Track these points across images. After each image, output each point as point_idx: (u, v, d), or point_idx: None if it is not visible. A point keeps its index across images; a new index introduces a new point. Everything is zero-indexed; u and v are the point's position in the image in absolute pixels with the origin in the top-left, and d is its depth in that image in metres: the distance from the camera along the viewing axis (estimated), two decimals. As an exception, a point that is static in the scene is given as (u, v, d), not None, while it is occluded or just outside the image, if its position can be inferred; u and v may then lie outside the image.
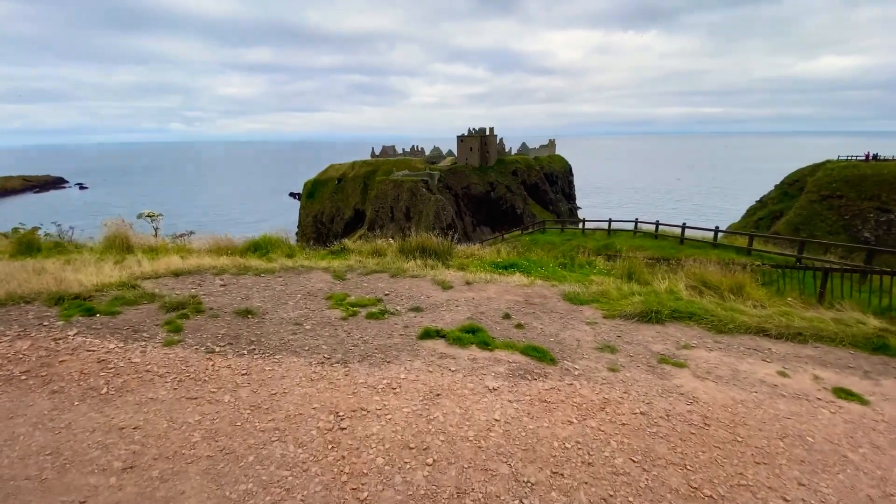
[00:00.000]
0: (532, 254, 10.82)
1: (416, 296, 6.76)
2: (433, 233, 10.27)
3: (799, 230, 51.53)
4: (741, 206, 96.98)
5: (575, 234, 25.43)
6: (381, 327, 5.17)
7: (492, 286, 7.47)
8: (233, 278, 7.22)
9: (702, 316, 6.04)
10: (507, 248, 11.02)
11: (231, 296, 6.25)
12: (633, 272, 8.17)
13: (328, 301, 6.22)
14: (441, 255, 9.27)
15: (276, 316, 5.44)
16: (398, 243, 9.81)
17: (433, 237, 9.74)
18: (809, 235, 46.41)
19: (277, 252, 9.12)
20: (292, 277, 7.43)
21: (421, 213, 74.59)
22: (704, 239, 18.19)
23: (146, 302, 5.61)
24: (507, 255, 10.48)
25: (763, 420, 3.60)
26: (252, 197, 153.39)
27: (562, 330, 5.48)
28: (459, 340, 4.64)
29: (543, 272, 8.56)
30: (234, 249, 9.39)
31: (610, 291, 7.14)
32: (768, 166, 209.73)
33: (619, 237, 22.07)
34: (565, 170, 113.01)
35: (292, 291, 6.63)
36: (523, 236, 28.27)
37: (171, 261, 7.66)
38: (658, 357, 4.74)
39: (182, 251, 9.14)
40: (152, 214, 10.14)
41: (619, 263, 9.17)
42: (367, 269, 8.13)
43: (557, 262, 9.71)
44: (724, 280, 7.35)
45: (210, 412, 3.16)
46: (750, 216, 65.98)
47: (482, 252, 10.98)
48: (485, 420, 3.18)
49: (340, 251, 10.03)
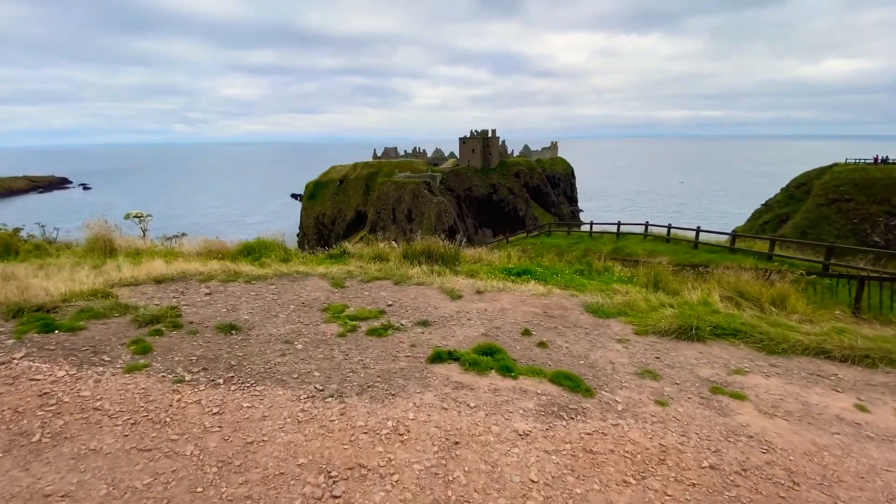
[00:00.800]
0: (544, 259, 10.12)
1: (422, 307, 6.06)
2: (436, 235, 9.59)
3: (806, 234, 50.76)
4: (745, 209, 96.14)
5: (582, 237, 24.65)
6: (385, 346, 4.47)
7: (505, 295, 6.76)
8: (220, 286, 6.53)
9: (748, 333, 5.33)
10: (518, 253, 10.32)
11: (215, 307, 5.56)
12: (660, 280, 7.46)
13: (324, 313, 5.53)
14: (448, 261, 8.57)
15: (263, 332, 4.75)
16: (402, 247, 9.11)
17: (440, 241, 9.04)
18: (817, 239, 45.61)
19: (272, 256, 8.43)
20: (286, 285, 6.74)
21: (423, 215, 73.95)
22: (720, 243, 17.41)
23: (117, 314, 4.93)
24: (519, 261, 9.77)
25: (859, 474, 2.89)
26: (254, 198, 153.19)
27: (591, 349, 4.78)
28: (476, 365, 3.94)
29: (560, 280, 7.85)
30: (225, 253, 8.71)
31: (637, 302, 6.42)
32: (771, 170, 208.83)
33: (628, 241, 21.32)
34: (567, 172, 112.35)
35: (285, 301, 5.93)
36: (528, 239, 27.53)
37: (155, 266, 6.98)
38: (709, 385, 4.03)
39: (169, 255, 8.47)
40: (140, 215, 9.48)
41: (642, 270, 8.46)
42: (369, 276, 7.43)
43: (573, 268, 9.00)
44: (765, 290, 6.63)
45: (165, 471, 2.45)
46: (755, 219, 65.19)
47: (491, 257, 10.29)
48: (519, 482, 2.48)
49: (340, 255, 9.35)
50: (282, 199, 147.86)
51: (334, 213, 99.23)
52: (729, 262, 14.26)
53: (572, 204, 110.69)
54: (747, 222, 68.10)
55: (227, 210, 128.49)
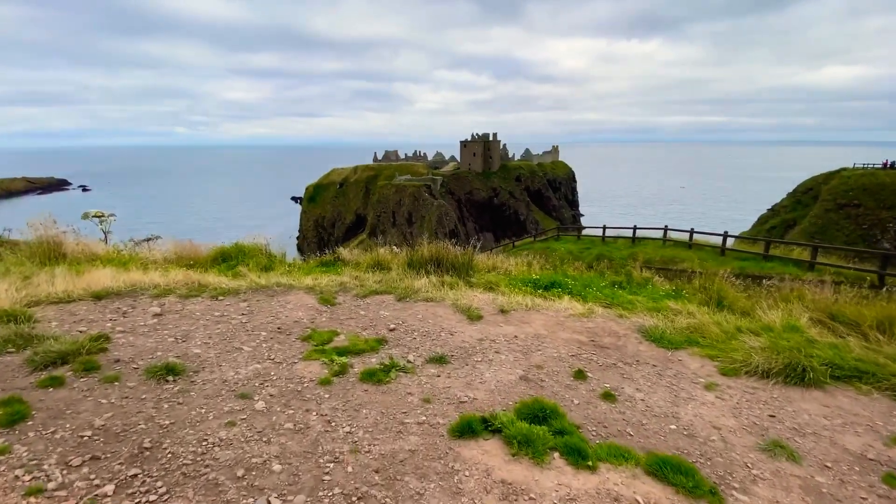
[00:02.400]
0: (568, 267, 8.74)
1: (434, 332, 4.69)
2: (438, 239, 8.25)
3: (814, 239, 49.53)
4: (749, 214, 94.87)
5: (594, 241, 23.17)
6: (386, 404, 3.09)
7: (537, 316, 5.39)
8: (178, 303, 5.15)
9: (875, 374, 3.95)
10: (539, 261, 8.93)
11: (160, 335, 4.18)
12: (724, 297, 6.07)
13: (305, 344, 4.15)
14: (461, 270, 7.19)
15: (214, 377, 3.36)
16: (406, 253, 7.74)
17: (450, 246, 7.67)
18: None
19: (251, 264, 7.05)
20: (262, 302, 5.36)
21: (423, 219, 72.64)
22: (751, 250, 16.00)
23: (12, 349, 3.54)
24: (542, 270, 8.39)
25: None
26: (254, 201, 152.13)
27: (676, 403, 3.40)
28: (528, 444, 2.55)
29: (597, 294, 6.47)
30: (197, 260, 7.33)
31: (706, 327, 5.05)
32: (774, 175, 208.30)
33: (645, 246, 19.92)
34: (569, 176, 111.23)
35: (256, 326, 4.56)
36: (536, 244, 26.11)
37: (100, 277, 5.60)
38: (881, 472, 2.65)
39: (130, 262, 7.09)
40: (100, 215, 8.11)
41: (697, 283, 7.08)
42: (366, 289, 6.06)
43: (608, 279, 7.62)
44: (865, 311, 5.25)
45: None
46: (761, 225, 64.00)
47: (508, 265, 8.90)
48: None
49: (333, 263, 7.97)
50: (282, 202, 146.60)
51: (334, 216, 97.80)
52: (767, 270, 12.88)
53: (573, 208, 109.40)
54: (753, 227, 66.89)
55: (227, 213, 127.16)
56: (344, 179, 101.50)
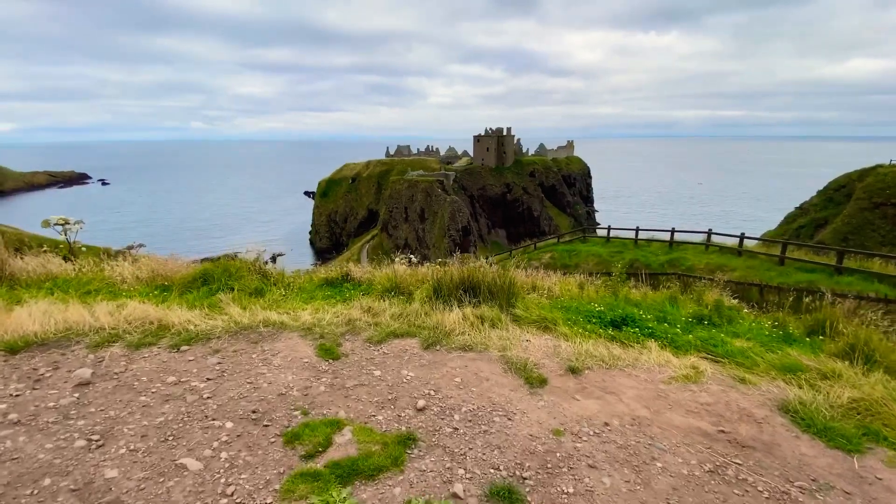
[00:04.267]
0: (630, 289, 7.05)
1: (483, 414, 3.15)
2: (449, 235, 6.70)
3: (847, 240, 46.79)
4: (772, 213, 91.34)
5: (625, 244, 21.12)
6: None
7: (623, 380, 3.80)
8: (122, 358, 3.69)
9: None
10: (593, 281, 7.26)
11: (71, 428, 2.71)
12: (871, 345, 4.38)
13: (288, 451, 2.64)
14: (499, 297, 5.61)
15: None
16: (430, 273, 6.17)
17: (485, 264, 6.09)
18: (860, 246, 41.76)
19: (237, 287, 5.56)
20: (239, 355, 3.87)
21: (436, 215, 71.10)
22: (816, 260, 13.99)
23: None
24: (597, 293, 6.76)
25: None
26: (268, 196, 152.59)
27: None
28: None
29: (687, 338, 4.85)
30: (173, 280, 5.88)
31: (884, 406, 3.41)
32: (796, 171, 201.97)
33: (685, 251, 17.75)
34: (584, 172, 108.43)
35: (222, 405, 3.07)
36: (559, 245, 24.28)
37: (25, 316, 4.16)
38: None
39: (89, 283, 5.68)
40: (64, 222, 6.73)
41: (807, 319, 5.40)
42: (382, 330, 4.54)
43: (688, 310, 5.96)
44: None
45: None
46: (789, 224, 61.11)
47: (550, 282, 7.29)
48: None
49: (340, 283, 6.45)
50: (295, 196, 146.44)
51: (346, 211, 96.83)
52: (845, 287, 10.99)
53: (588, 204, 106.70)
54: (779, 227, 64.06)
55: (240, 207, 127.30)
56: (356, 174, 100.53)
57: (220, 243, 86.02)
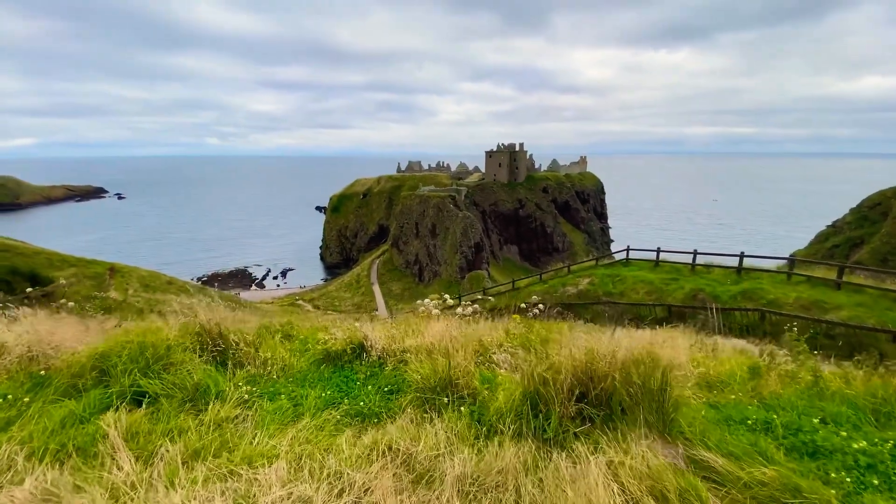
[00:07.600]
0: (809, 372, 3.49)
1: None
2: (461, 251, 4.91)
3: (887, 260, 44.51)
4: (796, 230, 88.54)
5: (679, 270, 17.99)
6: None
7: None
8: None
9: None
10: (777, 354, 4.01)
11: None
12: None
13: None
14: (643, 407, 2.56)
15: None
16: (496, 337, 3.88)
17: (600, 336, 2.99)
18: (899, 267, 39.63)
19: (165, 387, 2.95)
20: None
21: (447, 230, 70.07)
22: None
23: None
24: (773, 386, 3.42)
25: None
26: (280, 210, 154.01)
27: None
28: None
29: None
30: (58, 370, 3.17)
31: None
32: (814, 189, 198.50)
33: (761, 280, 14.76)
34: (597, 188, 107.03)
35: None
36: (599, 269, 20.99)
37: None
38: None
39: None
40: None
41: None
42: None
43: (876, 407, 3.45)
44: None
45: None
46: (821, 243, 58.76)
47: (687, 356, 4.09)
48: None
49: (350, 361, 3.76)
50: (307, 211, 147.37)
51: (357, 226, 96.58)
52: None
53: (602, 220, 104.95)
54: (810, 245, 61.71)
55: (253, 222, 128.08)
56: (367, 190, 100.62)
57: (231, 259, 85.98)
